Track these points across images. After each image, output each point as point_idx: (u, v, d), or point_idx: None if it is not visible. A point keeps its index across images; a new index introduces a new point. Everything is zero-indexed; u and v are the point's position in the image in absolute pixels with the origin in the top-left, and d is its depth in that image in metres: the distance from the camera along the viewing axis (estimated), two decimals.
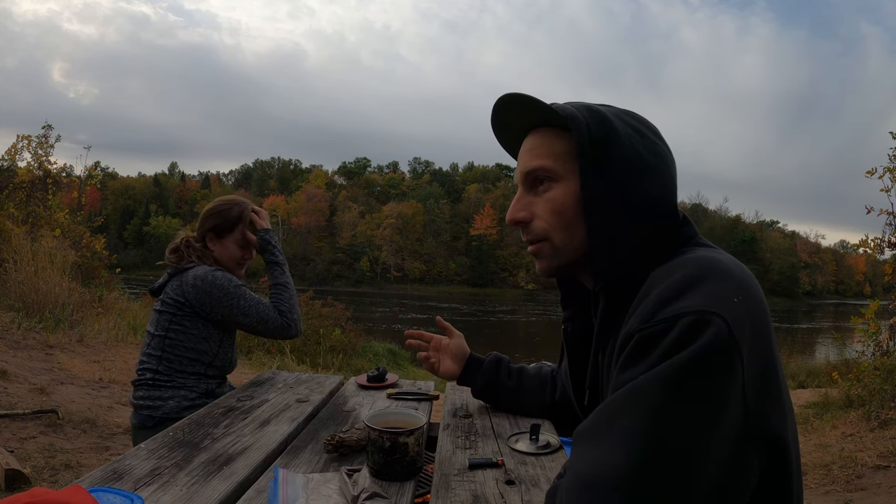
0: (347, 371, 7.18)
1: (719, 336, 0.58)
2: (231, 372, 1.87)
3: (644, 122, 0.80)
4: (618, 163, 0.74)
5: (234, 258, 1.86)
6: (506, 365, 1.41)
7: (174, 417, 1.64)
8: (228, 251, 1.85)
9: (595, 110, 0.77)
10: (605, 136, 0.74)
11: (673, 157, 0.80)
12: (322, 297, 9.98)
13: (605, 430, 0.60)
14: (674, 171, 0.79)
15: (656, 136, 0.79)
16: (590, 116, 0.75)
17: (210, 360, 1.77)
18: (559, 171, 0.77)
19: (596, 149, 0.74)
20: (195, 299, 1.70)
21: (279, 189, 73.16)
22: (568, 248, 0.78)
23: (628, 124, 0.77)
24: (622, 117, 0.78)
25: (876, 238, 5.47)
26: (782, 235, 73.26)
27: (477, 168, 75.64)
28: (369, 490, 0.89)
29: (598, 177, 0.74)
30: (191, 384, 1.75)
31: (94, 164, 36.72)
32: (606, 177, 0.73)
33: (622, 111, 0.80)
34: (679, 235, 0.75)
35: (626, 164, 0.74)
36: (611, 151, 0.74)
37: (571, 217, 0.77)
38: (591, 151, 0.74)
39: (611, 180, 0.73)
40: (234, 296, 1.71)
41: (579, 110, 0.76)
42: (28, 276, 6.08)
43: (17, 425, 3.18)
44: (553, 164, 0.78)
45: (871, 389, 4.69)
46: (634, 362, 0.62)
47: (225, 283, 1.71)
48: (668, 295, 0.63)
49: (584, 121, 0.75)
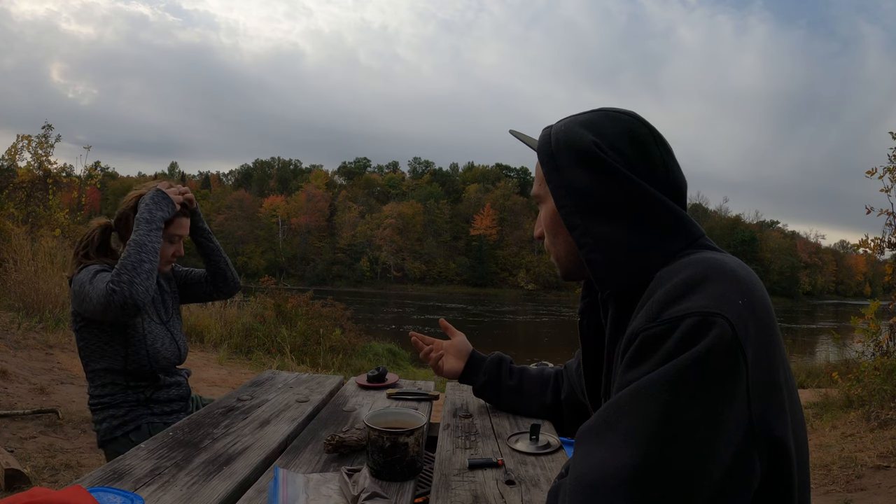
0: (347, 371, 7.18)
1: (723, 337, 0.58)
2: (169, 366, 1.68)
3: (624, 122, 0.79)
4: (580, 173, 0.76)
5: (164, 257, 1.71)
6: (507, 364, 1.42)
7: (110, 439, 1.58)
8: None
9: (554, 127, 0.82)
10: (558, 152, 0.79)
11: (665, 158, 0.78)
12: (322, 297, 9.98)
13: (608, 430, 0.60)
14: (665, 172, 0.77)
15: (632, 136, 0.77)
16: (546, 137, 0.82)
17: (123, 366, 1.59)
18: (541, 194, 0.86)
19: (554, 166, 0.79)
20: (76, 304, 1.55)
21: (279, 189, 73.05)
22: (563, 259, 0.86)
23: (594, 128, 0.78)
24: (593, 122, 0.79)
25: (876, 238, 5.47)
26: (782, 235, 73.23)
27: (477, 168, 75.63)
28: (369, 490, 0.89)
29: (567, 192, 0.77)
30: (118, 401, 1.60)
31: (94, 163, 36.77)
32: (574, 189, 0.76)
33: (604, 115, 0.80)
34: (684, 236, 0.74)
35: (589, 172, 0.75)
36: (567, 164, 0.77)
37: (555, 232, 0.84)
38: (551, 170, 0.79)
39: (579, 192, 0.76)
40: (87, 283, 1.50)
41: (551, 134, 0.82)
42: (28, 276, 6.07)
43: (17, 425, 3.18)
44: (538, 190, 0.87)
45: (870, 389, 4.69)
46: (638, 362, 0.62)
47: (84, 275, 1.53)
48: (673, 295, 0.63)
49: (542, 145, 0.81)
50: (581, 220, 0.76)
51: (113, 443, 1.59)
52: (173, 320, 1.80)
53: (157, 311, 1.74)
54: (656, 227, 0.74)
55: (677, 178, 0.79)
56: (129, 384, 1.61)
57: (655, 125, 0.81)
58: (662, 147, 0.79)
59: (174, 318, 1.81)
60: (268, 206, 64.66)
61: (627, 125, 0.79)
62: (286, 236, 64.23)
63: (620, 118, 0.80)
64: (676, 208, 0.75)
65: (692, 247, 0.74)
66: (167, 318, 1.77)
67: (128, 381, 1.61)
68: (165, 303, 1.80)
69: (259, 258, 59.95)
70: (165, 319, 1.75)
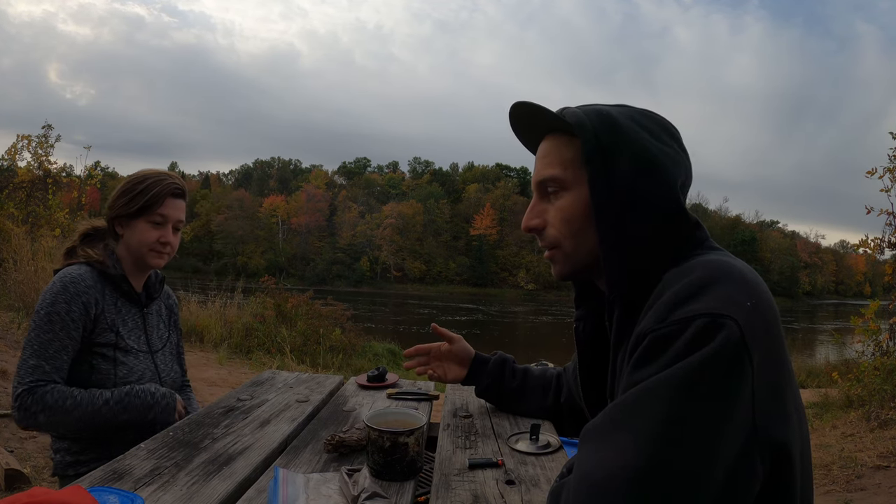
0: (347, 371, 7.18)
1: (731, 339, 0.58)
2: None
3: (660, 122, 0.79)
4: (627, 169, 0.73)
5: (147, 242, 1.45)
6: (510, 365, 1.41)
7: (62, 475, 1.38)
8: (137, 234, 1.45)
9: (605, 115, 0.76)
10: (614, 143, 0.74)
11: (688, 159, 0.79)
12: (322, 297, 9.97)
13: (613, 430, 0.60)
14: (688, 174, 0.78)
15: (671, 138, 0.78)
16: (598, 122, 0.75)
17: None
18: (568, 180, 0.78)
19: (604, 156, 0.73)
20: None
21: (279, 189, 73.03)
22: (579, 255, 0.79)
23: (643, 126, 0.76)
24: (636, 119, 0.77)
25: (876, 238, 5.48)
26: (782, 235, 73.19)
27: (477, 168, 75.59)
28: (369, 490, 0.89)
29: (606, 184, 0.73)
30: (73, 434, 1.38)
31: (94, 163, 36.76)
32: (616, 184, 0.73)
33: (638, 112, 0.79)
34: (692, 239, 0.75)
35: (637, 171, 0.73)
36: (620, 158, 0.73)
37: (581, 225, 0.77)
38: (598, 159, 0.73)
39: (621, 187, 0.73)
40: (36, 322, 1.32)
41: (588, 115, 0.76)
42: (28, 276, 6.07)
43: (17, 425, 3.18)
44: (562, 173, 0.78)
45: (870, 389, 4.69)
46: (646, 362, 0.62)
47: (47, 299, 1.33)
48: (682, 296, 0.63)
49: (592, 128, 0.74)
50: (614, 214, 0.73)
51: (65, 480, 1.37)
52: (166, 350, 1.58)
53: (143, 338, 1.50)
54: (673, 231, 0.74)
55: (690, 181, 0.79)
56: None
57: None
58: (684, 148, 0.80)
59: (168, 348, 1.59)
60: (268, 206, 64.63)
61: (667, 127, 0.79)
62: (286, 236, 64.21)
63: (656, 118, 0.80)
64: (688, 211, 0.76)
65: (699, 249, 0.74)
66: (159, 347, 1.55)
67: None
68: (158, 329, 1.57)
69: (259, 258, 59.91)
70: (156, 348, 1.54)
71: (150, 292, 1.57)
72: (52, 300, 1.33)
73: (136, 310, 1.52)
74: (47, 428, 1.31)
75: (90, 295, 1.38)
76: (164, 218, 1.46)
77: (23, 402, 1.26)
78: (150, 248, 1.46)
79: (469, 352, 1.44)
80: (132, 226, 1.45)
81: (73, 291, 1.35)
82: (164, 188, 1.45)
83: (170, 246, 1.49)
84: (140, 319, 1.52)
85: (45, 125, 8.92)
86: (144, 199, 1.43)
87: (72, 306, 1.34)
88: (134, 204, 1.44)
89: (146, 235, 1.45)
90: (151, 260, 1.47)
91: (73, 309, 1.34)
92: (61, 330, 1.32)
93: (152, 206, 1.44)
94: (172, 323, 1.67)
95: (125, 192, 1.46)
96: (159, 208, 1.45)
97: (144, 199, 1.43)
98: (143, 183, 1.45)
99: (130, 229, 1.46)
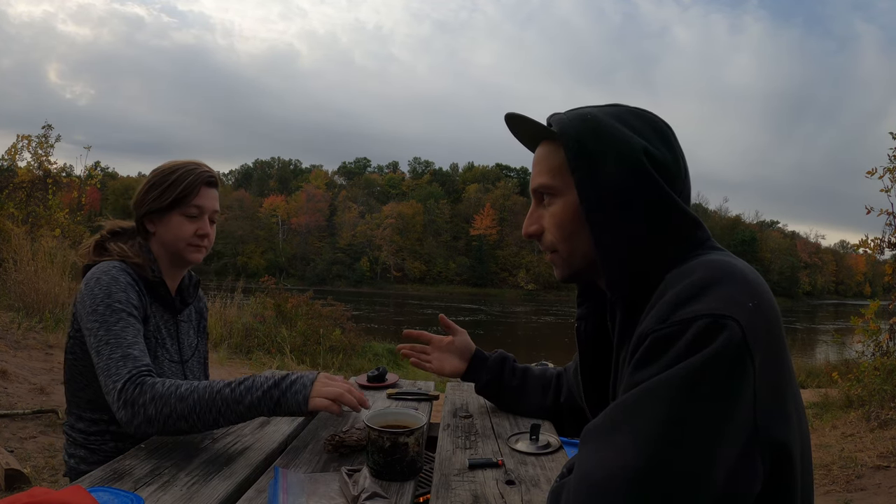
0: (347, 371, 7.18)
1: (733, 340, 0.58)
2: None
3: (650, 120, 0.79)
4: (614, 170, 0.73)
5: (184, 236, 1.34)
6: (510, 363, 1.41)
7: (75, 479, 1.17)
8: (172, 229, 1.34)
9: (589, 119, 0.76)
10: (599, 146, 0.74)
11: (681, 156, 0.78)
12: (322, 297, 9.98)
13: (614, 430, 0.60)
14: (680, 171, 0.77)
15: (661, 136, 0.77)
16: (582, 127, 0.75)
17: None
18: (558, 186, 0.79)
19: (589, 160, 0.74)
20: (77, 313, 1.24)
21: (279, 189, 73.04)
22: (576, 258, 0.80)
23: (630, 126, 0.76)
24: (624, 119, 0.77)
25: (876, 238, 5.48)
26: (782, 235, 73.21)
27: (477, 168, 75.59)
28: (369, 490, 0.89)
29: (594, 188, 0.73)
30: (93, 445, 1.27)
31: (95, 163, 36.75)
32: (603, 186, 0.73)
33: (627, 111, 0.79)
34: (693, 239, 0.74)
35: (624, 171, 0.73)
36: (605, 160, 0.73)
37: (574, 228, 0.78)
38: (584, 164, 0.74)
39: (608, 189, 0.73)
40: (99, 318, 1.16)
41: (572, 122, 0.76)
42: (28, 276, 6.07)
43: (17, 425, 3.18)
44: (551, 181, 0.79)
45: (870, 389, 4.69)
46: (648, 363, 0.62)
47: (99, 294, 1.19)
48: (684, 297, 0.63)
49: (575, 134, 0.75)
50: (604, 216, 0.73)
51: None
52: (195, 359, 1.48)
53: (175, 346, 1.40)
54: (672, 230, 0.73)
55: (689, 180, 0.79)
56: (111, 429, 1.28)
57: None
58: (679, 145, 0.79)
59: (196, 357, 1.49)
60: (268, 206, 64.61)
61: (654, 123, 0.79)
62: (286, 236, 64.20)
63: (643, 115, 0.79)
64: (689, 210, 0.75)
65: (700, 249, 0.74)
66: (189, 355, 1.44)
67: (114, 424, 1.26)
68: (188, 336, 1.47)
69: (259, 258, 59.90)
70: (186, 357, 1.43)
71: (185, 297, 1.45)
72: (108, 291, 1.20)
73: (170, 316, 1.40)
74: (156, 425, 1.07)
75: (136, 291, 1.27)
76: (200, 209, 1.35)
77: (128, 395, 1.07)
78: (188, 243, 1.35)
79: (470, 347, 1.44)
80: (165, 221, 1.34)
81: (125, 282, 1.24)
82: (198, 177, 1.34)
83: (207, 238, 1.38)
84: (173, 326, 1.41)
85: (45, 125, 8.94)
86: (177, 190, 1.32)
87: (129, 295, 1.23)
88: (166, 197, 1.32)
89: (182, 229, 1.33)
90: (189, 255, 1.36)
91: (131, 297, 1.23)
92: (129, 316, 1.20)
93: (186, 197, 1.33)
94: (201, 329, 1.56)
95: (155, 185, 1.34)
96: (194, 199, 1.34)
97: (177, 191, 1.32)
98: (175, 174, 1.33)
99: (164, 225, 1.34)
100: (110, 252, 1.33)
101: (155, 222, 1.35)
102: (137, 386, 1.08)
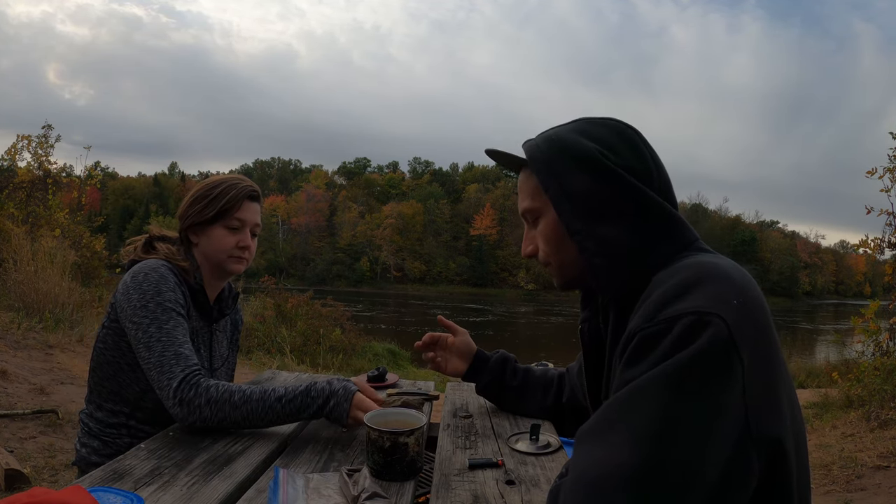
0: (347, 371, 7.19)
1: (719, 337, 0.59)
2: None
3: (615, 127, 0.81)
4: (584, 181, 0.76)
5: (226, 248, 1.38)
6: (511, 364, 1.41)
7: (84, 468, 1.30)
8: (215, 241, 1.38)
9: (554, 139, 0.81)
10: (564, 163, 0.78)
11: (651, 157, 0.80)
12: (322, 297, 10.00)
13: (607, 430, 0.61)
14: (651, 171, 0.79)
15: (627, 140, 0.80)
16: (547, 148, 0.80)
17: (136, 399, 1.29)
18: (538, 207, 0.85)
19: (558, 178, 0.78)
20: (118, 304, 1.26)
21: (279, 189, 73.20)
22: (567, 268, 0.85)
23: (592, 137, 0.79)
24: (587, 132, 0.80)
25: (876, 238, 5.48)
26: (782, 235, 73.24)
27: (477, 168, 75.63)
28: (369, 490, 0.89)
29: (567, 201, 0.78)
30: (110, 437, 1.30)
31: (94, 164, 36.73)
32: (577, 198, 0.77)
33: (590, 123, 0.83)
34: (681, 239, 0.76)
35: (592, 179, 0.76)
36: (574, 174, 0.77)
37: (559, 242, 0.84)
38: (554, 183, 0.79)
39: (581, 199, 0.77)
40: (150, 314, 1.20)
41: (539, 146, 0.81)
42: (28, 276, 6.07)
43: (17, 425, 3.18)
44: (532, 203, 0.86)
45: (871, 389, 4.69)
46: (636, 361, 0.63)
47: (149, 290, 1.22)
48: (669, 296, 0.65)
49: (542, 156, 0.80)
50: (582, 224, 0.77)
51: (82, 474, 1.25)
52: (224, 369, 1.49)
53: (205, 354, 1.43)
54: (654, 230, 0.76)
55: (667, 180, 0.81)
56: (132, 424, 1.31)
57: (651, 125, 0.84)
58: (649, 148, 0.82)
59: (226, 366, 1.50)
60: (268, 206, 64.59)
61: (617, 129, 0.82)
62: (286, 236, 64.26)
63: (607, 123, 0.83)
64: (672, 210, 0.78)
65: (687, 250, 0.76)
66: (218, 365, 1.47)
67: (134, 418, 1.31)
68: (220, 346, 1.49)
69: (259, 258, 59.51)
70: (216, 366, 1.46)
71: (223, 307, 1.48)
72: (158, 289, 1.23)
73: (205, 324, 1.43)
74: (211, 423, 1.14)
75: (182, 292, 1.30)
76: (242, 222, 1.39)
77: (183, 395, 1.13)
78: (230, 255, 1.39)
79: (471, 347, 1.44)
80: (208, 233, 1.38)
81: (173, 282, 1.27)
82: (241, 191, 1.38)
83: (248, 250, 1.42)
84: (207, 335, 1.44)
85: (45, 125, 8.95)
86: (220, 203, 1.36)
87: (177, 294, 1.26)
88: (210, 210, 1.36)
89: (224, 241, 1.37)
90: (231, 266, 1.40)
91: (179, 297, 1.26)
92: (179, 315, 1.23)
93: (229, 210, 1.37)
94: (234, 341, 1.58)
95: (199, 199, 1.38)
96: (236, 212, 1.38)
97: (221, 204, 1.36)
98: (219, 187, 1.38)
99: (207, 237, 1.38)
100: (157, 251, 1.36)
101: (198, 234, 1.39)
102: (193, 387, 1.14)
